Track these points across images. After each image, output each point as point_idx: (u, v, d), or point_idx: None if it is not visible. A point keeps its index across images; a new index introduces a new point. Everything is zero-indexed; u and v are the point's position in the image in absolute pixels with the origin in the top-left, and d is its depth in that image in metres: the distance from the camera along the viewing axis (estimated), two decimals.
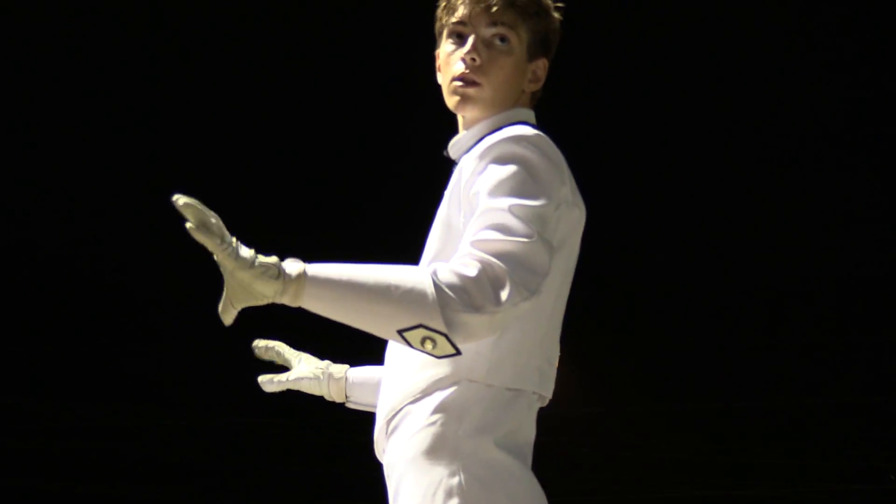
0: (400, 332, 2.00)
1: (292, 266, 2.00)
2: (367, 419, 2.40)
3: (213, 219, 1.93)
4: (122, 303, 11.89)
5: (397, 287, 1.98)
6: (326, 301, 2.01)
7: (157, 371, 11.25)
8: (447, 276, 1.98)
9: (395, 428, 2.21)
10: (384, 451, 2.25)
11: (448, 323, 1.97)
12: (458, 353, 2.02)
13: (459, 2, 2.26)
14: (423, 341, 2.00)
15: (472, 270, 1.98)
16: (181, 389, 10.90)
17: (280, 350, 2.66)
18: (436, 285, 1.97)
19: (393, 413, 2.21)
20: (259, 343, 2.68)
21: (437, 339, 1.99)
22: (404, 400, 2.19)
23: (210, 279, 2.11)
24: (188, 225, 1.91)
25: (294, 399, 2.81)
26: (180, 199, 1.91)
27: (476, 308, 1.97)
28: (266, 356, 2.67)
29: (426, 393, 2.16)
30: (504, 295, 1.97)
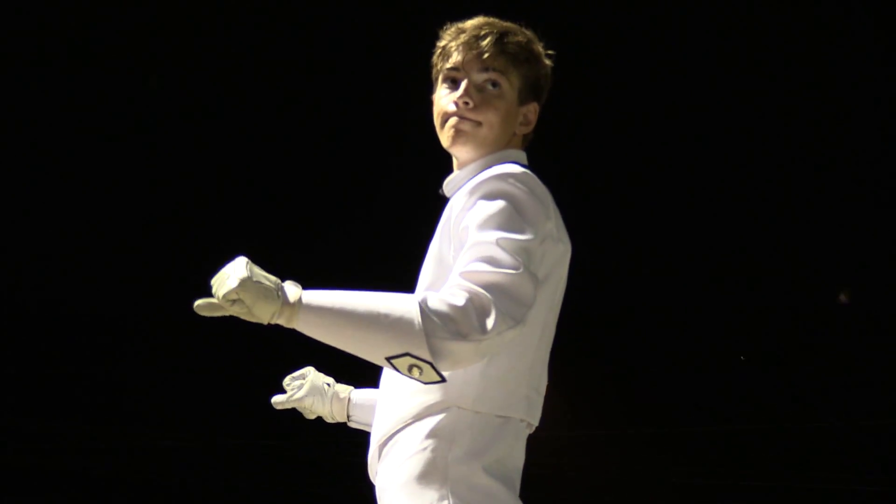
0: (388, 358, 2.06)
1: (291, 291, 2.07)
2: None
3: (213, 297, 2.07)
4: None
5: (386, 315, 2.04)
6: (319, 327, 2.07)
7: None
8: (435, 304, 2.04)
9: (387, 452, 2.27)
10: (377, 473, 2.31)
11: (433, 351, 2.03)
12: (443, 380, 2.07)
13: (453, 49, 2.35)
14: (409, 368, 2.06)
15: (459, 300, 2.04)
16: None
17: (306, 375, 2.78)
18: (423, 314, 2.03)
19: (386, 437, 2.27)
20: (276, 399, 2.78)
21: (423, 367, 2.05)
22: (397, 425, 2.25)
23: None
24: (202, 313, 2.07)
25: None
26: (199, 310, 2.07)
27: (462, 336, 2.02)
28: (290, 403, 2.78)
29: (418, 418, 2.22)
30: (490, 323, 2.03)
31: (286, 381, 2.79)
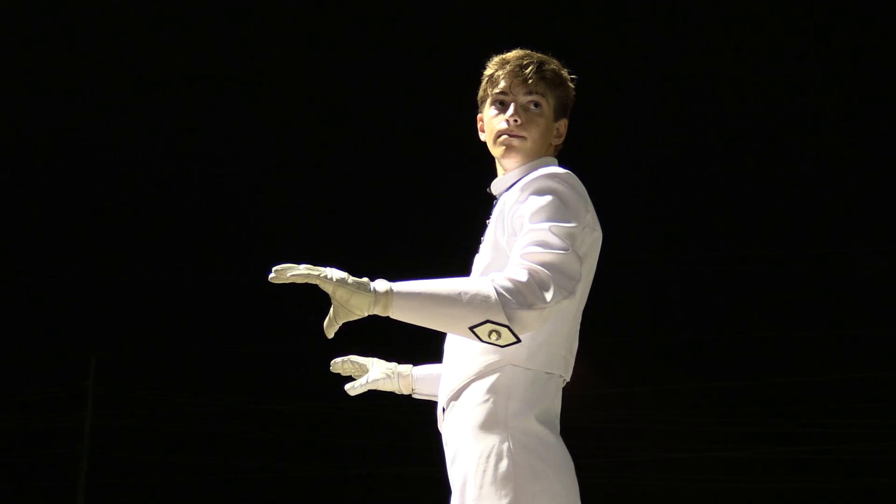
0: (471, 328, 2.50)
1: (381, 284, 2.51)
2: None
3: (299, 267, 2.45)
4: None
5: (465, 293, 2.49)
6: (410, 310, 2.51)
7: None
8: (504, 281, 2.50)
9: (454, 405, 2.72)
10: (444, 421, 2.77)
11: (509, 317, 2.48)
12: (519, 341, 2.52)
13: (501, 76, 2.85)
14: (489, 334, 2.50)
15: (523, 276, 2.50)
16: None
17: (354, 360, 3.21)
18: (496, 289, 2.48)
19: (454, 392, 2.73)
20: (335, 361, 3.22)
21: (502, 331, 2.49)
22: (462, 381, 2.71)
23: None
24: (289, 277, 2.44)
25: None
26: (274, 278, 2.42)
27: (529, 305, 2.48)
28: (344, 371, 3.23)
29: (480, 376, 2.67)
30: (549, 295, 2.48)
31: (333, 367, 3.20)
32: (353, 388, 3.19)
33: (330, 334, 2.49)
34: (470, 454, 2.64)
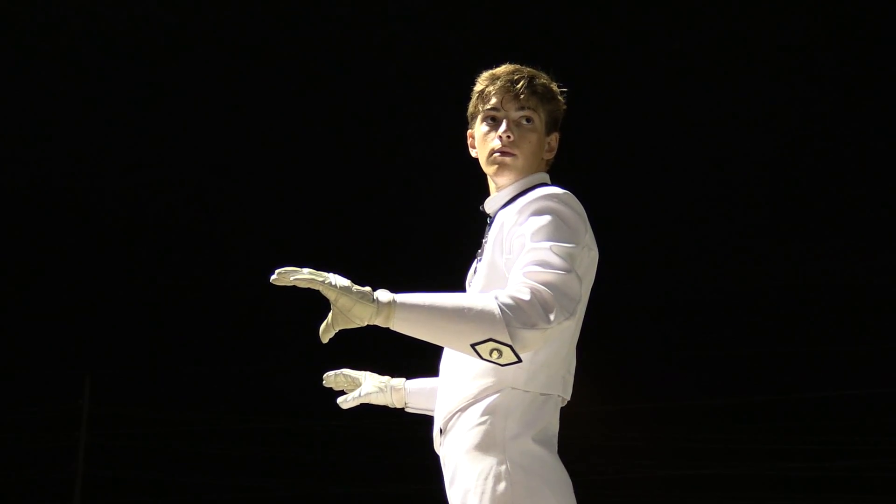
0: (472, 345, 2.49)
1: (384, 294, 2.49)
2: None
3: (302, 271, 2.42)
4: None
5: (470, 309, 2.47)
6: (413, 322, 2.49)
7: None
8: (507, 300, 2.48)
9: (451, 427, 2.71)
10: (441, 444, 2.75)
11: (512, 336, 2.46)
12: (520, 360, 2.50)
13: (492, 92, 2.82)
14: (491, 352, 2.48)
15: (526, 295, 2.48)
16: None
17: (346, 374, 3.18)
18: (500, 307, 2.47)
19: (450, 415, 2.72)
20: (328, 374, 3.19)
21: (503, 350, 2.47)
22: (460, 404, 2.69)
23: None
24: (292, 280, 2.41)
25: None
26: (277, 280, 2.40)
27: (532, 325, 2.47)
28: (336, 385, 3.19)
29: (477, 399, 2.66)
30: (553, 316, 2.47)
31: (326, 381, 3.18)
32: (345, 402, 3.16)
33: (325, 339, 2.48)
34: (468, 475, 2.64)
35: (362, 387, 3.14)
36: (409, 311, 2.48)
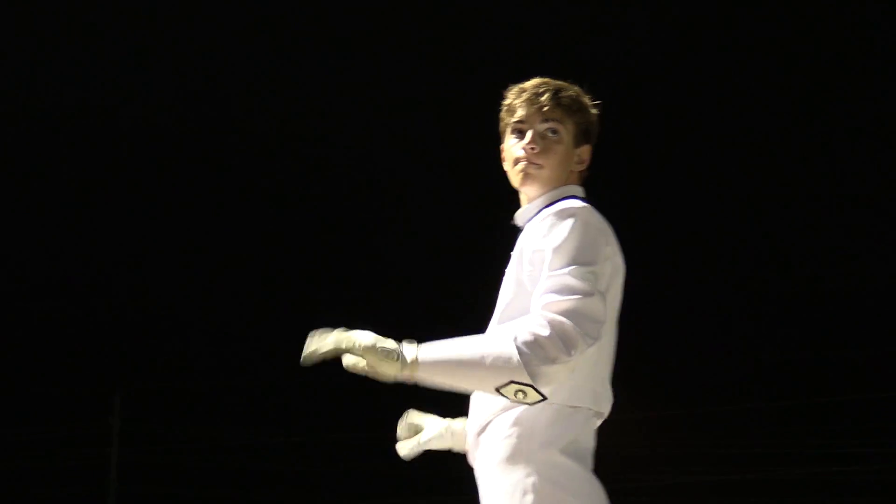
0: (497, 389, 2.55)
1: (408, 351, 2.56)
2: None
3: (327, 341, 2.55)
4: None
5: (488, 355, 2.53)
6: (437, 376, 2.59)
7: None
8: (526, 336, 2.52)
9: (482, 440, 2.73)
10: (475, 458, 2.78)
11: (532, 376, 2.51)
12: (545, 398, 2.54)
13: (518, 105, 2.84)
14: (515, 393, 2.54)
15: (545, 330, 2.51)
16: None
17: (411, 421, 3.09)
18: (518, 348, 2.51)
19: (481, 428, 2.74)
20: (400, 427, 3.09)
21: (527, 391, 2.53)
22: (488, 417, 2.71)
23: None
24: (319, 357, 2.56)
25: None
26: (305, 363, 2.55)
27: (552, 360, 2.51)
28: (406, 437, 3.09)
29: (504, 409, 2.67)
30: (573, 346, 2.50)
31: (401, 432, 3.10)
32: (404, 449, 3.09)
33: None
34: (497, 488, 2.66)
35: (422, 433, 3.10)
36: (431, 367, 2.58)
